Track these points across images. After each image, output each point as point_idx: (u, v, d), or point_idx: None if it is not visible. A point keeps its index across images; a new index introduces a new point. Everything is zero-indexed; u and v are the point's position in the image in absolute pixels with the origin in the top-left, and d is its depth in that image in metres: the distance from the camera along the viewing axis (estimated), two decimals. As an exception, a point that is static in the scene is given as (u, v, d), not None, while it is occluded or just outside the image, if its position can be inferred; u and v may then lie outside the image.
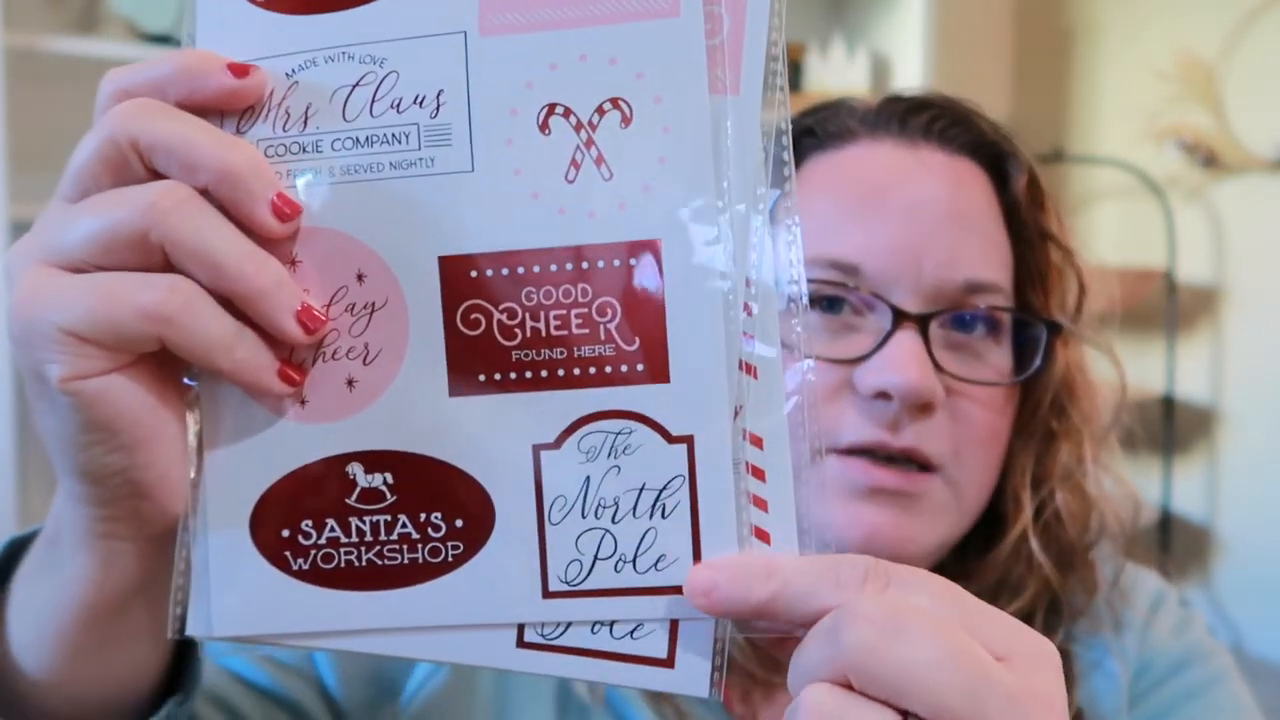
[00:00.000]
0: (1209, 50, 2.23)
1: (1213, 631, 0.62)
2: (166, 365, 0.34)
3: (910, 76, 2.21)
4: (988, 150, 0.58)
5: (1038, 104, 2.57)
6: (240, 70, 0.34)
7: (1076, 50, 2.54)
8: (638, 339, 0.34)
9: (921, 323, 0.53)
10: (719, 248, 0.33)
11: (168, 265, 0.32)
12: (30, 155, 1.68)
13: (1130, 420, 0.62)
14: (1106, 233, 2.49)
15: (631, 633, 0.34)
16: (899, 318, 0.52)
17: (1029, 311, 0.58)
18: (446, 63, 0.35)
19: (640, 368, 0.34)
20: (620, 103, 0.34)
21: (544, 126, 0.34)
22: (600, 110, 0.34)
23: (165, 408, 0.34)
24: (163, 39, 1.62)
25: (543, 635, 0.35)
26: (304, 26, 0.35)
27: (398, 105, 0.35)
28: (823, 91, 2.09)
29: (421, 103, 0.35)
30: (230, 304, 0.33)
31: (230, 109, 0.35)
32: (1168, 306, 2.30)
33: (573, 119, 0.34)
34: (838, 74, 2.17)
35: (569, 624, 0.34)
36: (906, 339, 0.52)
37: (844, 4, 2.40)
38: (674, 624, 0.34)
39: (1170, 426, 2.31)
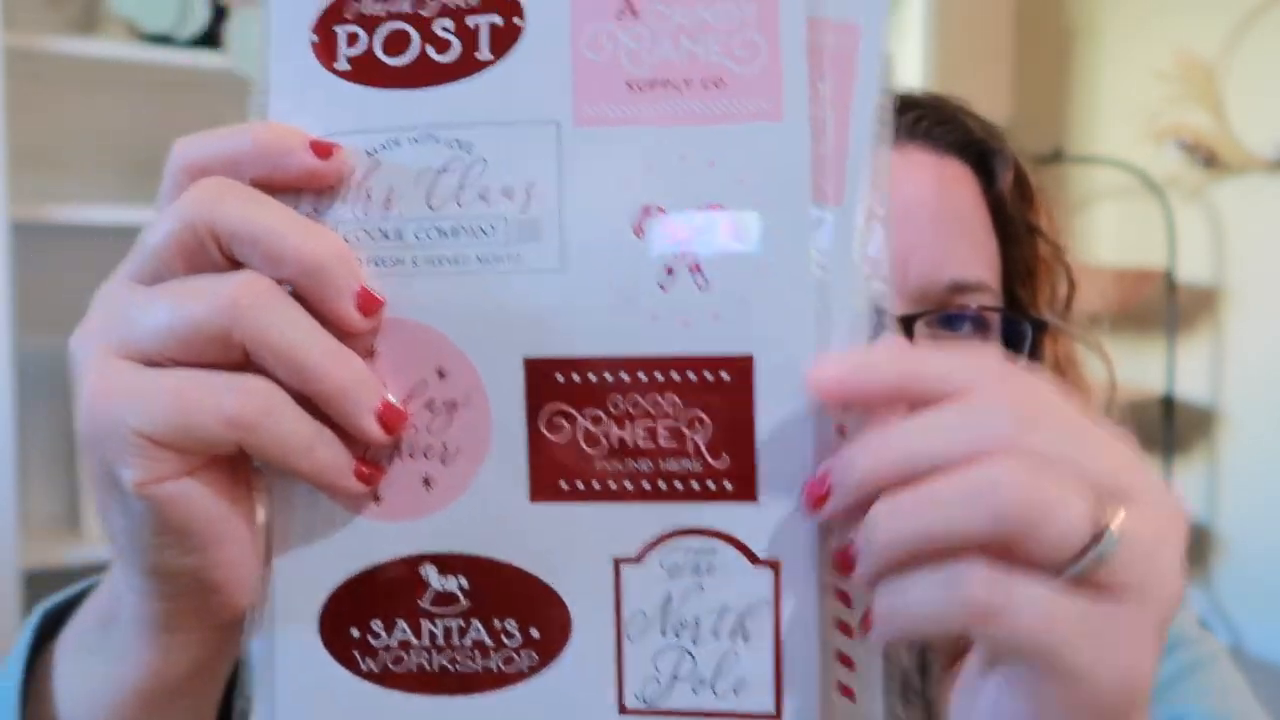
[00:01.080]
0: (1209, 50, 2.23)
1: (1207, 624, 0.62)
2: (239, 462, 0.33)
3: (910, 76, 2.21)
4: (975, 148, 0.58)
5: (1038, 104, 2.57)
6: (323, 150, 0.33)
7: (1076, 50, 2.54)
8: (727, 456, 0.33)
9: (905, 324, 0.53)
10: (810, 366, 0.32)
11: (246, 359, 0.31)
12: (30, 155, 1.67)
13: (1126, 418, 0.62)
14: (1106, 233, 2.49)
15: None
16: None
17: (1017, 308, 0.58)
18: (538, 154, 0.33)
19: (728, 486, 0.33)
20: (720, 208, 0.33)
21: (638, 229, 0.33)
22: (699, 215, 0.33)
23: (237, 506, 0.33)
24: (163, 39, 1.62)
25: None
26: (388, 102, 0.34)
27: (485, 196, 0.33)
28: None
29: (511, 195, 0.33)
30: (307, 400, 0.32)
31: (309, 189, 0.33)
32: (1168, 306, 2.29)
33: (669, 222, 0.33)
34: (838, 74, 2.17)
35: None
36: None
37: (844, 4, 2.39)
38: None
39: (1170, 426, 2.31)
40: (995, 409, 0.30)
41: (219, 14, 1.63)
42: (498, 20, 0.33)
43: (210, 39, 1.64)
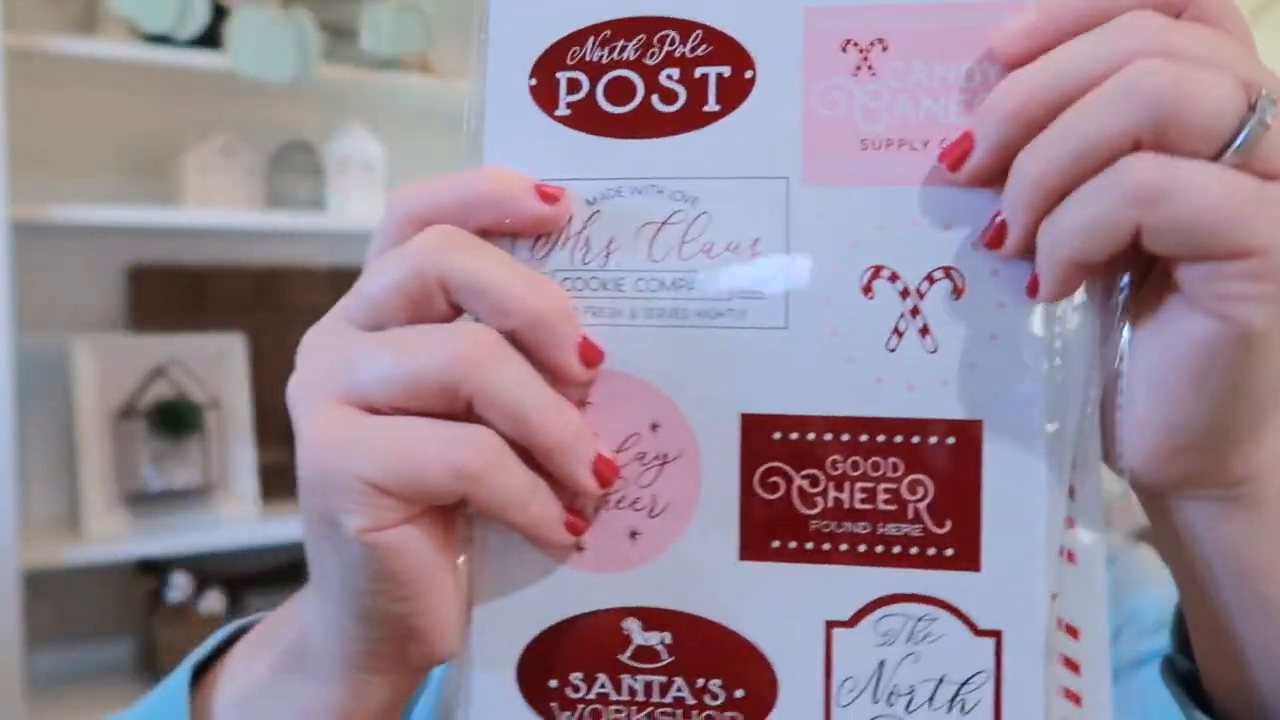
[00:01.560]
0: (1209, 50, 2.23)
1: None
2: (451, 510, 0.33)
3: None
4: None
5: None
6: (550, 196, 0.33)
7: (1076, 50, 2.54)
8: (949, 522, 0.32)
9: None
10: (1045, 432, 0.31)
11: (467, 409, 0.31)
12: (30, 155, 1.67)
13: None
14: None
15: None
16: None
17: None
18: (764, 209, 0.33)
19: (949, 553, 0.32)
20: (953, 272, 0.32)
21: (867, 289, 0.32)
22: (930, 278, 0.32)
23: (445, 555, 0.33)
24: (163, 39, 1.62)
25: None
26: (610, 151, 0.34)
27: (709, 250, 0.33)
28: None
29: (735, 249, 0.33)
30: (522, 449, 0.32)
31: (529, 234, 0.33)
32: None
33: (899, 284, 0.32)
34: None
35: None
36: None
37: (844, 4, 2.40)
38: None
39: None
40: (1135, 20, 0.29)
41: (219, 14, 1.63)
42: (726, 72, 0.33)
43: (210, 39, 1.63)
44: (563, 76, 0.34)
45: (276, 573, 1.84)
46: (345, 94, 1.86)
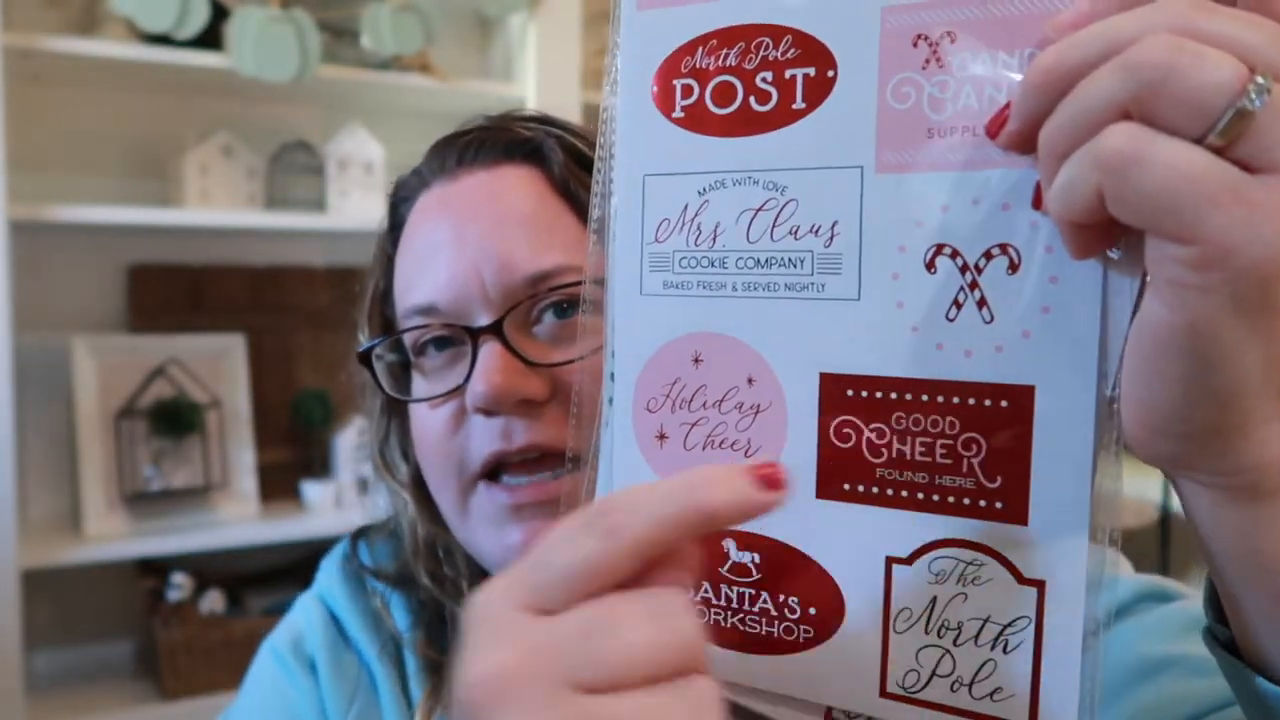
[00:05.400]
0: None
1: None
2: None
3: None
4: (524, 146, 0.59)
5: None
6: (774, 481, 0.32)
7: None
8: (1000, 478, 0.34)
9: (495, 331, 0.55)
10: (1093, 401, 0.33)
11: None
12: (30, 155, 1.67)
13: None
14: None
15: None
16: (474, 334, 0.55)
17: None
18: (842, 195, 0.36)
19: (999, 505, 0.34)
20: (1009, 249, 0.34)
21: (930, 265, 0.35)
22: (988, 255, 0.34)
23: None
24: (163, 39, 1.62)
25: None
26: (715, 148, 0.38)
27: (795, 232, 0.37)
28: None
29: (817, 232, 0.37)
30: None
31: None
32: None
33: (959, 260, 0.35)
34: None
35: None
36: (486, 351, 0.54)
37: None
38: None
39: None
40: (1173, 1, 0.28)
41: (219, 14, 1.63)
42: (812, 72, 0.37)
43: (210, 39, 1.63)
44: (678, 84, 0.39)
45: (276, 572, 1.84)
46: (345, 94, 1.86)
